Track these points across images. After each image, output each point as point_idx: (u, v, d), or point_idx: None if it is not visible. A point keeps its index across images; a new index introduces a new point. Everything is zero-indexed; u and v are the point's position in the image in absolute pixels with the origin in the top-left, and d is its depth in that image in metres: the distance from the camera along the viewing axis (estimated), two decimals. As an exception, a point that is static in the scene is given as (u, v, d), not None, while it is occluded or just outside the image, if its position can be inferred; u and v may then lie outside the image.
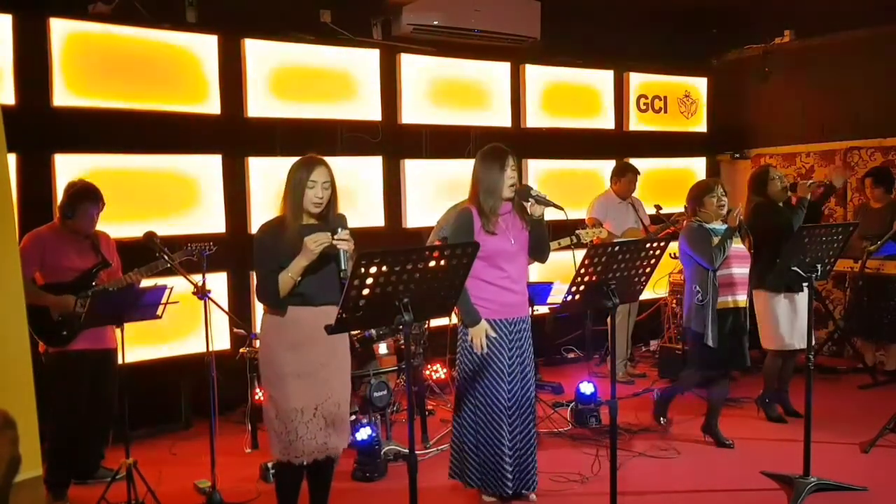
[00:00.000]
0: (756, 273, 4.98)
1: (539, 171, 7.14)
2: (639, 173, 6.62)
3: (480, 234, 3.84)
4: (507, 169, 3.85)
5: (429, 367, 5.99)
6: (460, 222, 3.94)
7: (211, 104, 5.60)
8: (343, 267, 3.14)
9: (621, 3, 7.34)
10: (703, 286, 4.65)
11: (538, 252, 4.02)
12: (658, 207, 6.49)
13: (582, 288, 3.23)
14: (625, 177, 6.54)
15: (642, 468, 4.56)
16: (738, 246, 4.70)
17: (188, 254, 4.29)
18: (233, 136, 5.72)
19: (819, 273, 4.08)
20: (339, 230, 3.20)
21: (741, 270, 4.72)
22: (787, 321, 5.13)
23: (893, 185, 6.36)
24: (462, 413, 4.00)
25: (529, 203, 3.87)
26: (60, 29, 4.99)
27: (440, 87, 6.62)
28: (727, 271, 4.66)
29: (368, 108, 6.27)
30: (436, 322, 5.74)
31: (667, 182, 7.56)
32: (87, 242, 4.32)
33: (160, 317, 4.06)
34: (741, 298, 4.73)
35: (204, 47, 5.54)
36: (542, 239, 3.99)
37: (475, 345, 3.85)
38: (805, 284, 4.20)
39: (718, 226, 4.73)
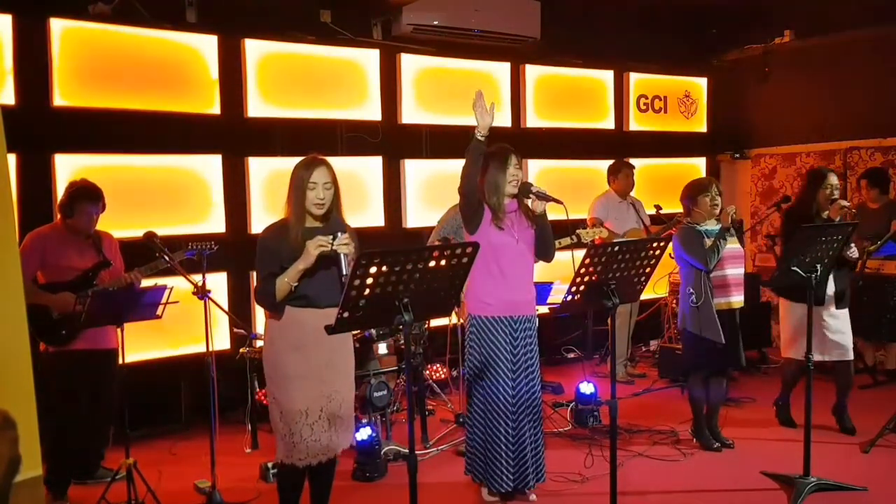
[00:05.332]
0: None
1: (539, 171, 7.15)
2: (633, 167, 6.66)
3: (488, 225, 3.89)
4: (509, 167, 3.92)
5: (429, 367, 5.99)
6: (472, 208, 3.94)
7: (211, 104, 5.60)
8: (345, 272, 3.14)
9: (621, 3, 7.34)
10: (696, 288, 4.63)
11: (544, 250, 4.05)
12: (658, 208, 6.49)
13: (582, 288, 3.23)
14: (621, 173, 6.57)
15: (642, 468, 4.56)
16: (732, 246, 4.68)
17: (190, 254, 4.29)
18: (233, 136, 5.72)
19: (819, 273, 4.08)
20: (339, 234, 3.20)
21: (735, 271, 4.69)
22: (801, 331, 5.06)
23: (889, 185, 6.36)
24: (470, 409, 4.05)
25: (531, 199, 3.90)
26: (60, 29, 4.99)
27: (440, 88, 6.62)
28: (721, 273, 4.65)
29: (368, 108, 6.27)
30: (436, 322, 5.75)
31: (667, 182, 7.55)
32: (88, 242, 4.32)
33: (160, 317, 4.07)
34: (735, 300, 4.70)
35: (204, 47, 5.55)
36: (547, 236, 4.02)
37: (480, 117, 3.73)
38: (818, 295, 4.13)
39: (712, 226, 4.71)
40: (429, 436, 5.04)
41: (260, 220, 5.67)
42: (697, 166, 8.30)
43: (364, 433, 4.48)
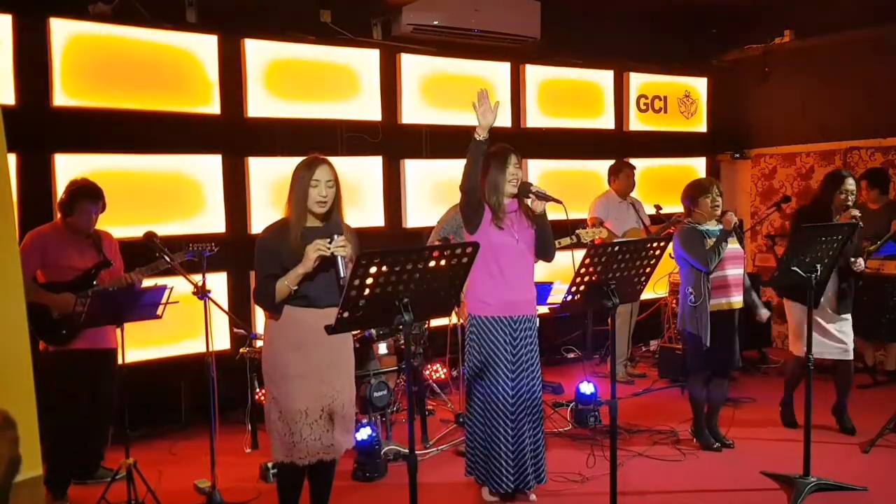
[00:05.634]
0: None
1: (539, 171, 7.15)
2: (634, 168, 6.67)
3: (488, 225, 3.89)
4: (509, 166, 3.93)
5: (429, 367, 5.99)
6: (472, 207, 3.94)
7: (211, 104, 5.60)
8: (342, 274, 3.15)
9: (621, 3, 7.34)
10: (696, 288, 4.64)
11: (544, 250, 4.05)
12: (658, 207, 6.50)
13: (582, 288, 3.23)
14: (622, 173, 6.57)
15: (642, 468, 4.57)
16: (733, 247, 4.68)
17: (190, 256, 4.29)
18: (233, 136, 5.72)
19: (819, 273, 4.08)
20: (336, 237, 3.20)
21: (735, 272, 4.69)
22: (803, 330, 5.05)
23: (889, 185, 6.36)
24: (470, 409, 4.05)
25: (530, 199, 3.90)
26: (60, 29, 4.99)
27: (440, 88, 6.61)
28: (721, 273, 4.65)
29: (368, 108, 6.27)
30: (436, 322, 5.74)
31: (667, 182, 7.56)
32: (88, 242, 4.32)
33: (160, 317, 4.06)
34: (735, 300, 4.70)
35: (204, 47, 5.55)
36: (547, 236, 4.02)
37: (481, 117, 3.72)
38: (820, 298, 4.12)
39: (712, 227, 4.72)
40: (429, 436, 5.04)
41: (260, 220, 5.67)
42: (697, 166, 8.30)
43: (364, 433, 4.48)
